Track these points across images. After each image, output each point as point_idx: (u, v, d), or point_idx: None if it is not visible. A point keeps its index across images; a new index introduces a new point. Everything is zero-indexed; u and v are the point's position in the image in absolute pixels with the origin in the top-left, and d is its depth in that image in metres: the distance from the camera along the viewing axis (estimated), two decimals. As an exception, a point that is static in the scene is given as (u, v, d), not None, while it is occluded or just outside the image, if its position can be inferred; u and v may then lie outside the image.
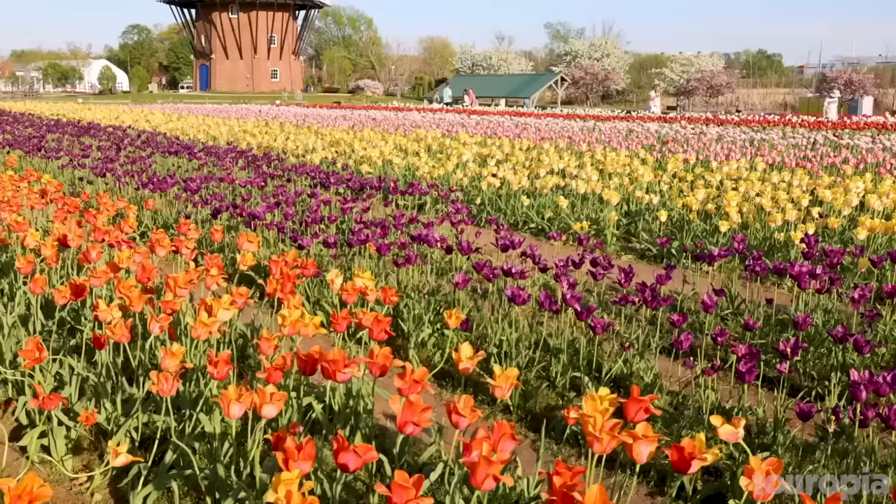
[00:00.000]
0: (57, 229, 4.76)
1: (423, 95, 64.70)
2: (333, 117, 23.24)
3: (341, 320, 3.17)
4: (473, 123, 19.52)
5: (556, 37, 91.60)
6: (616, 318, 4.66)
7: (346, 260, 5.89)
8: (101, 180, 9.46)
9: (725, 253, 5.01)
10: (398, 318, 4.60)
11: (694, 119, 23.12)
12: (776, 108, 54.09)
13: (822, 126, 19.58)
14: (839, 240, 6.79)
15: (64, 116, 24.90)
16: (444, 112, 27.74)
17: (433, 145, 13.80)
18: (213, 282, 3.73)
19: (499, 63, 73.77)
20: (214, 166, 10.87)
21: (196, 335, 3.04)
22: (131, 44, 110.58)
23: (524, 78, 63.20)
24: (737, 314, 4.98)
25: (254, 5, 74.79)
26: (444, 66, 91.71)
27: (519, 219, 8.31)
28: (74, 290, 3.63)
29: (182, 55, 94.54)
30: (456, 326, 3.42)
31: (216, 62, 77.67)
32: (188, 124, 19.63)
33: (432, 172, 10.05)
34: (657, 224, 7.45)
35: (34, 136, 16.10)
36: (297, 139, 14.53)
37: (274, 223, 6.19)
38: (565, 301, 3.88)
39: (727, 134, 15.98)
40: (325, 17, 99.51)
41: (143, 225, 7.47)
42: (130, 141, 15.00)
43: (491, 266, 4.45)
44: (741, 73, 79.00)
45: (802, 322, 3.67)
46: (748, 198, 7.72)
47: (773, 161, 11.18)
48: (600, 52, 70.30)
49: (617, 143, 14.00)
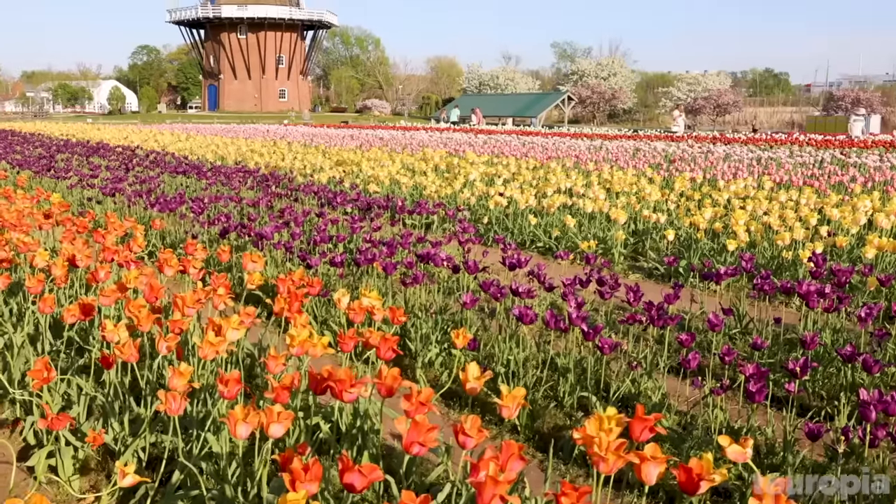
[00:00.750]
0: (65, 249, 4.78)
1: (430, 115, 64.88)
2: (341, 137, 23.33)
3: (348, 340, 3.17)
4: (480, 142, 19.58)
5: (562, 56, 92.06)
6: (624, 338, 4.65)
7: (354, 279, 5.90)
8: (109, 200, 9.50)
9: (733, 272, 5.00)
10: (405, 337, 4.60)
11: (701, 138, 23.13)
12: (783, 126, 54.09)
13: (830, 144, 19.56)
14: (847, 258, 6.77)
15: (73, 137, 25.03)
16: (452, 131, 27.82)
17: (440, 164, 13.83)
18: (220, 301, 3.74)
19: (506, 82, 74.08)
20: (222, 186, 10.91)
21: (204, 355, 3.05)
22: (141, 64, 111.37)
23: (531, 97, 63.39)
24: (745, 333, 4.96)
25: (262, 26, 75.36)
26: (451, 85, 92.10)
27: (526, 238, 8.31)
28: (83, 309, 3.64)
29: (191, 75, 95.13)
30: (463, 346, 3.41)
31: (224, 82, 78.17)
32: (196, 144, 19.72)
33: (439, 192, 10.07)
34: (664, 243, 7.45)
35: (44, 156, 16.19)
36: (304, 159, 14.58)
37: (282, 243, 6.20)
38: (572, 320, 3.88)
39: (734, 153, 15.98)
40: (333, 38, 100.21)
41: (151, 244, 7.50)
42: (139, 161, 15.08)
43: (498, 285, 4.45)
44: (748, 91, 79.19)
45: (811, 341, 3.66)
46: (756, 216, 7.71)
47: (780, 180, 11.17)
48: (607, 72, 70.55)
49: (624, 161, 14.03)
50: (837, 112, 52.21)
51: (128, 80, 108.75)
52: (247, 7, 74.41)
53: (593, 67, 72.29)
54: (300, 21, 77.72)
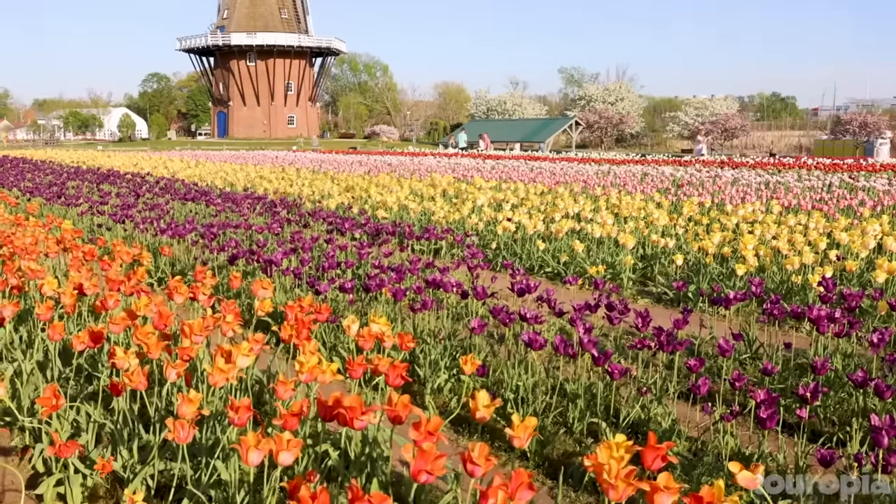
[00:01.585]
0: (73, 277, 4.80)
1: (439, 140, 65.13)
2: (349, 163, 23.41)
3: (357, 367, 3.17)
4: (488, 168, 19.62)
5: (570, 81, 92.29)
6: (633, 363, 4.63)
7: (363, 305, 5.90)
8: (119, 227, 9.54)
9: (742, 296, 4.98)
10: (414, 363, 4.59)
11: (709, 162, 23.15)
12: (791, 150, 54.10)
13: (838, 168, 19.55)
14: (857, 283, 6.75)
15: (84, 164, 25.18)
16: (460, 157, 27.90)
17: (448, 190, 13.86)
18: (229, 328, 3.74)
19: (513, 108, 74.28)
20: (231, 212, 10.95)
21: (214, 382, 3.05)
22: (151, 92, 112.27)
23: (539, 122, 63.57)
24: (755, 358, 4.94)
25: (271, 53, 75.87)
26: (459, 111, 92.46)
27: (534, 263, 8.31)
28: (92, 336, 3.65)
29: (200, 102, 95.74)
30: (472, 372, 3.41)
31: (234, 109, 78.63)
32: (206, 171, 19.81)
33: (448, 217, 10.09)
34: (673, 267, 7.44)
35: (54, 183, 16.29)
36: (313, 185, 14.64)
37: (290, 269, 6.21)
38: (582, 346, 3.87)
39: (742, 177, 15.98)
40: (342, 64, 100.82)
41: (160, 271, 7.52)
42: (149, 188, 15.16)
43: (507, 311, 4.45)
44: (755, 115, 79.26)
45: (821, 367, 3.64)
46: (764, 241, 7.70)
47: (788, 204, 11.16)
48: (614, 97, 70.70)
49: (632, 186, 14.03)
50: (845, 136, 52.21)
51: (138, 107, 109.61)
52: (256, 35, 74.95)
53: (601, 92, 72.46)
54: (309, 48, 78.23)
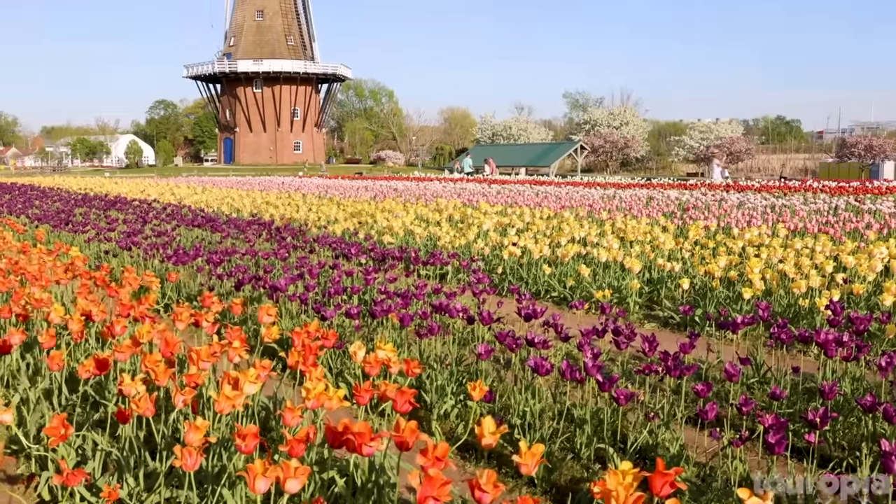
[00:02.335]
0: (80, 304, 4.81)
1: (444, 165, 65.32)
2: (355, 188, 23.48)
3: (364, 393, 3.17)
4: (494, 193, 19.66)
5: (574, 106, 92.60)
6: (640, 388, 4.62)
7: (369, 330, 5.90)
8: (126, 253, 9.57)
9: (749, 321, 4.97)
10: (421, 388, 4.58)
11: (714, 186, 23.16)
12: (796, 173, 54.16)
13: (844, 191, 19.55)
14: (865, 306, 6.73)
15: (91, 190, 25.30)
16: (465, 181, 27.97)
17: (454, 215, 13.89)
18: (235, 355, 3.74)
19: (518, 132, 74.54)
20: (238, 238, 10.98)
21: (220, 409, 3.05)
22: (158, 118, 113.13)
23: (544, 147, 63.76)
24: (763, 382, 4.92)
25: (278, 80, 76.39)
26: (464, 135, 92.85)
27: (541, 287, 8.30)
28: (98, 364, 3.65)
29: (207, 129, 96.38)
30: (479, 398, 3.40)
31: (240, 135, 79.06)
32: (212, 197, 19.89)
33: (453, 242, 10.10)
34: (680, 291, 7.43)
35: (62, 210, 16.37)
36: (319, 210, 14.68)
37: (296, 295, 6.22)
38: (588, 371, 3.86)
39: (748, 200, 15.98)
40: (348, 90, 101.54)
41: (167, 297, 7.53)
42: (155, 214, 15.22)
43: (513, 336, 4.44)
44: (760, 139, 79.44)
45: (829, 391, 3.62)
46: (771, 264, 7.69)
47: (794, 227, 11.15)
48: (619, 121, 70.92)
49: (637, 210, 14.04)
50: (850, 159, 52.27)
51: (145, 134, 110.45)
52: (262, 62, 75.52)
53: (605, 117, 72.71)
54: (315, 75, 78.77)
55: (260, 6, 77.64)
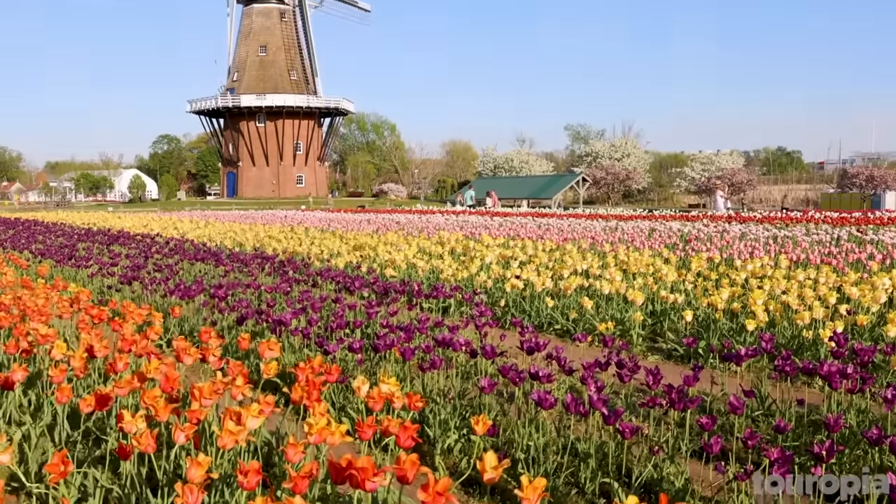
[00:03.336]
0: (84, 339, 4.81)
1: (446, 198, 65.53)
2: (358, 221, 23.53)
3: (367, 428, 3.16)
4: (496, 225, 19.68)
5: (576, 138, 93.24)
6: (644, 421, 4.60)
7: (372, 364, 5.89)
8: (128, 288, 9.58)
9: (753, 353, 4.95)
10: (424, 423, 4.56)
11: (716, 217, 23.20)
12: (798, 204, 54.28)
13: (846, 222, 19.57)
14: (869, 337, 6.71)
15: (94, 225, 25.37)
16: (467, 214, 28.03)
17: (457, 247, 13.90)
18: (238, 392, 3.73)
19: (520, 165, 74.89)
20: (240, 272, 10.99)
21: (223, 444, 3.03)
22: (161, 153, 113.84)
23: (546, 179, 64.00)
24: (768, 415, 4.89)
25: (280, 114, 76.91)
26: (466, 168, 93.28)
27: (543, 320, 8.29)
28: (99, 400, 3.65)
29: (210, 163, 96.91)
30: (482, 433, 3.39)
31: (243, 169, 79.45)
32: (215, 231, 19.93)
33: (456, 275, 10.10)
34: (683, 323, 7.41)
35: (65, 245, 16.41)
36: (321, 244, 14.70)
37: (299, 329, 6.21)
38: (592, 404, 3.84)
39: (750, 231, 15.99)
40: (350, 124, 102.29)
41: (169, 332, 7.52)
42: (158, 248, 15.24)
43: (516, 369, 4.43)
44: (761, 170, 79.69)
45: (835, 424, 3.60)
46: (774, 296, 7.68)
47: (797, 258, 11.14)
48: (620, 153, 71.29)
49: (640, 242, 14.05)
50: (852, 189, 52.43)
51: (148, 168, 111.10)
52: (265, 96, 76.09)
53: (607, 149, 73.09)
54: (317, 109, 79.30)
55: (263, 42, 78.37)
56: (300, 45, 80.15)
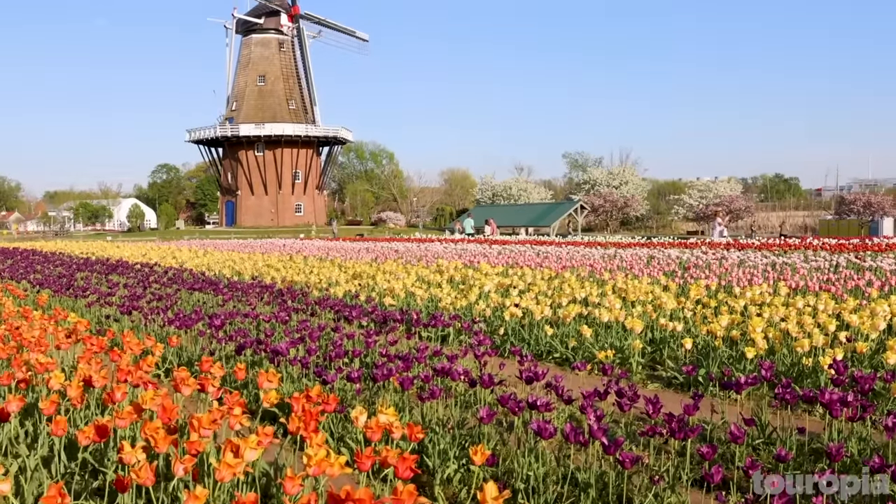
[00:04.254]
0: (81, 369, 4.79)
1: (445, 226, 65.66)
2: (357, 250, 23.52)
3: (366, 459, 3.14)
4: (495, 253, 19.68)
5: (574, 166, 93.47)
6: (644, 450, 4.58)
7: (371, 394, 5.86)
8: (127, 318, 9.56)
9: (753, 381, 4.94)
10: (423, 453, 4.54)
11: (714, 244, 23.22)
12: (796, 230, 54.42)
13: (844, 248, 19.60)
14: (869, 364, 6.69)
15: (93, 255, 25.36)
16: (466, 242, 28.05)
17: (455, 276, 13.90)
18: (236, 422, 3.72)
19: (518, 193, 75.14)
20: (239, 301, 10.98)
21: (221, 477, 3.02)
22: (160, 182, 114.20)
23: (544, 207, 64.15)
24: (768, 443, 4.87)
25: (279, 143, 77.16)
26: (464, 196, 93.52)
27: (542, 349, 8.27)
28: (98, 431, 3.63)
29: (209, 192, 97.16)
30: (482, 463, 3.37)
31: (242, 198, 79.59)
32: (214, 260, 19.93)
33: (455, 303, 10.09)
34: (682, 351, 7.39)
35: (64, 275, 16.40)
36: (320, 272, 14.70)
37: (297, 358, 6.20)
38: (592, 434, 3.83)
39: (749, 258, 16.00)
40: (349, 153, 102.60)
41: (167, 362, 7.50)
42: (157, 278, 15.23)
43: (515, 399, 4.42)
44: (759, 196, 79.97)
45: (836, 452, 3.59)
46: (773, 323, 7.67)
47: (796, 285, 11.14)
48: (618, 180, 71.56)
49: (638, 269, 14.05)
50: (850, 216, 52.59)
51: (147, 197, 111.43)
52: (264, 126, 76.38)
53: (605, 176, 73.39)
54: (316, 138, 79.56)
55: (262, 71, 78.83)
56: (299, 75, 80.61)
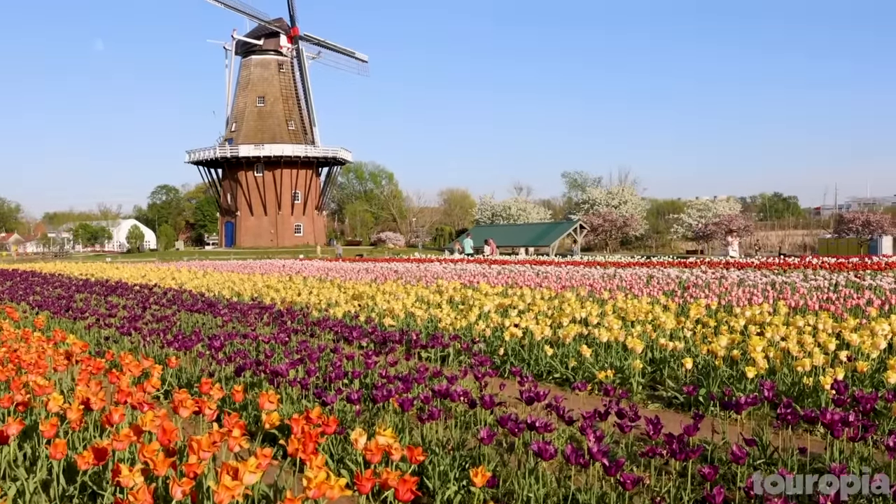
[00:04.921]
0: (79, 392, 4.78)
1: (444, 246, 65.69)
2: (356, 270, 23.51)
3: (366, 482, 3.13)
4: (495, 273, 19.67)
5: (573, 185, 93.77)
6: (646, 471, 4.56)
7: (370, 415, 5.85)
8: (126, 339, 9.55)
9: (754, 401, 4.93)
10: (423, 474, 4.52)
11: (714, 263, 23.23)
12: (795, 249, 54.48)
13: (843, 267, 19.60)
14: (869, 383, 6.68)
15: (92, 276, 25.35)
16: (466, 262, 28.05)
17: (455, 296, 13.89)
18: (235, 444, 3.70)
19: (518, 212, 75.20)
20: (238, 322, 10.96)
21: (219, 500, 3.00)
22: (159, 203, 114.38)
23: (544, 226, 64.22)
24: (770, 463, 4.85)
25: (279, 164, 77.31)
26: (464, 216, 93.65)
27: (542, 369, 8.25)
28: (96, 454, 3.62)
29: (208, 213, 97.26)
30: (482, 484, 3.36)
31: (241, 218, 79.66)
32: (213, 281, 19.92)
33: (455, 324, 10.07)
34: (683, 371, 7.38)
35: (63, 296, 16.38)
36: (320, 293, 14.69)
37: (297, 380, 6.19)
38: (593, 455, 3.81)
39: (748, 278, 15.99)
40: (348, 173, 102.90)
41: (167, 383, 7.48)
42: (156, 299, 15.22)
43: (516, 420, 4.41)
44: (758, 216, 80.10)
45: (839, 473, 3.57)
46: (773, 342, 7.66)
47: (796, 304, 11.14)
48: (618, 200, 71.66)
49: (638, 289, 14.04)
50: (849, 234, 52.65)
51: (147, 218, 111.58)
52: (264, 146, 76.55)
53: (604, 196, 73.50)
54: (315, 158, 79.73)
55: (261, 92, 79.13)
56: (298, 96, 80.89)
